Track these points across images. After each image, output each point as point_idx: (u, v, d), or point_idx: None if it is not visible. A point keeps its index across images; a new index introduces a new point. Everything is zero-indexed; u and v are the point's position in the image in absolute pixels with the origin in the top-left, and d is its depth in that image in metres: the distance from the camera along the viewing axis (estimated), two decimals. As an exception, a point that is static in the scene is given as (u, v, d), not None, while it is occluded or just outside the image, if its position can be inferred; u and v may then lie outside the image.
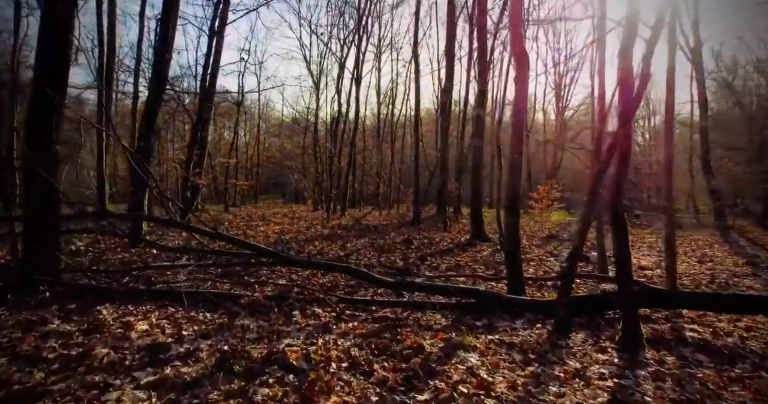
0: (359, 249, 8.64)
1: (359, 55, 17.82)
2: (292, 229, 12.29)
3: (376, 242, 9.53)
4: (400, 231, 11.85)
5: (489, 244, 8.64)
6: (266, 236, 10.47)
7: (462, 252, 7.72)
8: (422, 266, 6.52)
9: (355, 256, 7.63)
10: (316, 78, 27.66)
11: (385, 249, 8.35)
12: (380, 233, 11.33)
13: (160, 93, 8.12)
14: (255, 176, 35.34)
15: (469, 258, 7.14)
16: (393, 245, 8.93)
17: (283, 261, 4.58)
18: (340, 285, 5.02)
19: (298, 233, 11.37)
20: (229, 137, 27.23)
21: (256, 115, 36.22)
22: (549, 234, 9.91)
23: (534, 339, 3.20)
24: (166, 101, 24.79)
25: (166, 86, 8.11)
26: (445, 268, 6.28)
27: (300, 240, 10.00)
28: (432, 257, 7.20)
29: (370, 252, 7.98)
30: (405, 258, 7.30)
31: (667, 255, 4.35)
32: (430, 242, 9.27)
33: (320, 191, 24.53)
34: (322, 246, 8.85)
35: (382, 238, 10.23)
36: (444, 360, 2.83)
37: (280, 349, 2.90)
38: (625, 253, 2.91)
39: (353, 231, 11.76)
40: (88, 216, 4.66)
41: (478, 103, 8.71)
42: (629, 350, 2.82)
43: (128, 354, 2.88)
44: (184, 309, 3.97)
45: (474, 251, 7.87)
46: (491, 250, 7.94)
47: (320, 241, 9.71)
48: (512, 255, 4.38)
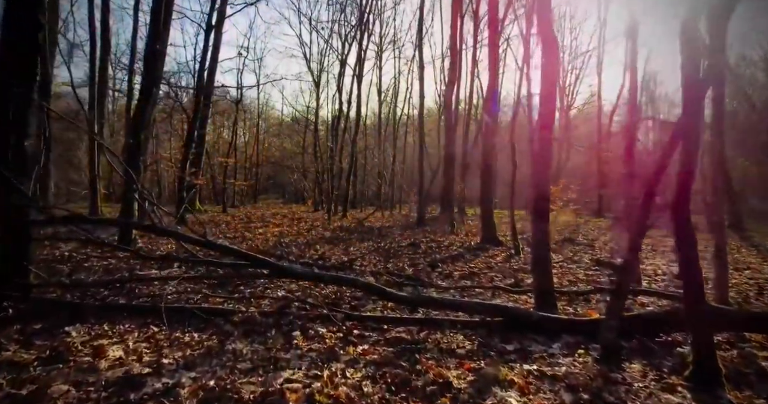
0: (363, 253, 8.13)
1: (361, 51, 17.32)
2: (291, 231, 11.78)
3: (380, 246, 9.02)
4: (405, 234, 11.35)
5: (501, 249, 8.12)
6: (265, 239, 9.97)
7: (474, 258, 7.21)
8: (433, 273, 6.00)
9: (359, 262, 7.11)
10: (317, 76, 27.21)
11: (392, 254, 7.84)
12: (384, 236, 10.82)
13: (151, 89, 7.61)
14: (254, 176, 34.84)
15: (483, 264, 6.62)
16: (399, 249, 8.42)
17: (282, 272, 4.05)
18: (346, 297, 4.51)
19: (298, 235, 10.86)
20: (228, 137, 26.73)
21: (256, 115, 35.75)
22: (564, 238, 9.38)
23: (579, 369, 2.69)
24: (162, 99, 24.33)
25: (158, 82, 7.60)
26: (458, 276, 5.76)
27: (300, 243, 9.49)
28: (443, 263, 6.68)
29: (375, 258, 7.47)
30: (413, 263, 6.78)
31: (717, 264, 3.84)
32: (438, 246, 8.76)
33: (320, 191, 24.04)
34: (324, 251, 8.34)
35: (386, 241, 9.72)
36: (477, 400, 2.32)
37: (278, 387, 2.39)
38: (695, 269, 2.40)
39: (356, 234, 11.25)
40: (58, 222, 4.12)
41: (488, 99, 8.20)
42: (705, 388, 2.31)
43: (92, 392, 2.37)
44: (167, 329, 3.46)
45: (486, 256, 7.36)
46: (505, 256, 7.42)
47: (322, 245, 9.20)
48: (541, 265, 3.87)
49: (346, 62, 19.32)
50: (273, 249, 8.39)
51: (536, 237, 3.93)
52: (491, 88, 8.35)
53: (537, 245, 3.92)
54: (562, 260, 6.94)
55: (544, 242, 3.88)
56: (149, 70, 7.53)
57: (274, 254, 7.75)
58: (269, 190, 48.65)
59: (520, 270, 5.99)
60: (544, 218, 3.90)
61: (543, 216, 3.90)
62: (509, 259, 6.99)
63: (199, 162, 20.51)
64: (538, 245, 3.90)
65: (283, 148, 36.33)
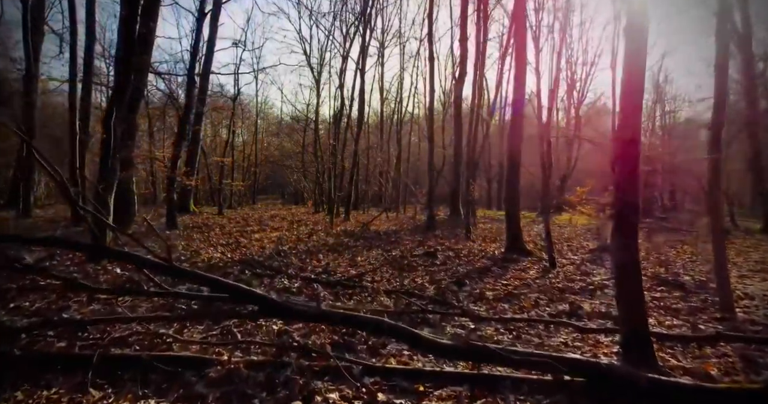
0: (373, 264, 7.11)
1: (364, 43, 16.31)
2: (291, 237, 10.76)
3: (391, 255, 8.00)
4: (416, 240, 10.32)
5: (531, 260, 7.09)
6: (261, 246, 8.95)
7: (504, 272, 6.18)
8: (460, 293, 4.99)
9: (369, 276, 6.09)
10: (317, 73, 26.22)
11: (405, 266, 6.82)
12: (393, 242, 9.80)
13: (128, 76, 6.59)
14: (253, 176, 33.82)
15: (518, 280, 5.60)
16: (413, 259, 7.40)
17: (276, 311, 3.00)
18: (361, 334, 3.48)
19: (299, 242, 9.84)
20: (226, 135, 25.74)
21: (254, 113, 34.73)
22: (601, 246, 8.29)
23: None
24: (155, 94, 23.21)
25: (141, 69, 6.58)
26: (492, 297, 4.74)
27: (301, 251, 8.48)
28: (469, 279, 5.65)
29: (387, 271, 6.45)
30: (434, 280, 5.76)
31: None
32: (456, 255, 7.74)
33: (321, 192, 23.01)
34: (328, 261, 7.32)
35: (397, 249, 8.70)
36: None
37: None
38: None
39: (361, 240, 10.23)
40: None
41: (517, 92, 7.20)
42: None
43: None
44: (113, 390, 2.45)
45: (517, 269, 6.33)
46: (539, 269, 6.39)
47: (325, 253, 8.18)
48: (630, 298, 2.86)
49: (348, 56, 18.31)
50: (269, 259, 7.37)
51: (621, 261, 2.91)
52: (519, 81, 7.35)
53: (622, 271, 2.90)
54: (610, 278, 5.84)
55: (631, 267, 2.86)
56: (127, 53, 6.51)
57: (271, 266, 6.74)
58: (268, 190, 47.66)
59: (566, 290, 4.97)
60: (630, 235, 2.88)
61: (629, 232, 2.88)
62: (546, 274, 5.96)
63: (194, 161, 19.52)
64: (625, 271, 2.88)
65: (283, 147, 35.30)
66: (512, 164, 7.37)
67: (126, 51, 6.52)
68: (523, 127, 7.60)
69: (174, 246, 8.57)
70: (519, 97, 7.30)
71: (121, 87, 6.48)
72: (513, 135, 7.34)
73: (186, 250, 8.17)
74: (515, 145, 7.29)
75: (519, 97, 7.30)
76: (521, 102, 7.47)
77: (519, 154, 7.34)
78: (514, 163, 7.33)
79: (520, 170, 7.47)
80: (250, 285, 5.49)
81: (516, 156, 7.33)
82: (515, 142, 7.31)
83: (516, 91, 7.23)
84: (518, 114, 7.31)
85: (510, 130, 7.50)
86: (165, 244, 3.57)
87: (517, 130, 7.36)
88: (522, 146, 7.41)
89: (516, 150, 7.31)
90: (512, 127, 7.41)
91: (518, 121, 7.31)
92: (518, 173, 7.40)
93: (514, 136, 7.32)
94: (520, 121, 7.33)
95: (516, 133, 7.31)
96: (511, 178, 7.41)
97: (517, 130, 7.34)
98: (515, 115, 7.30)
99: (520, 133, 7.35)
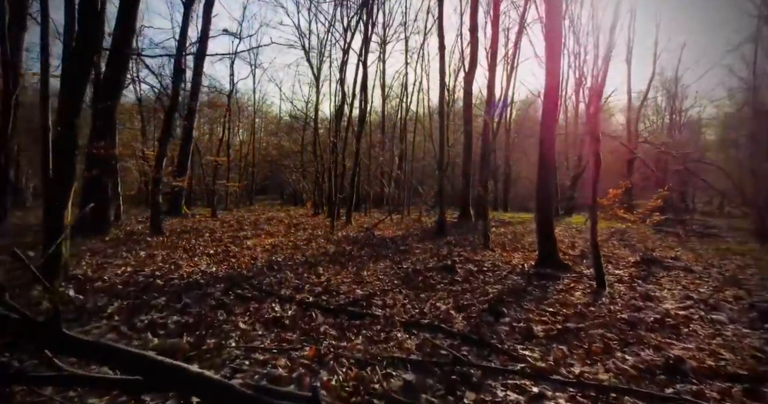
0: (382, 280, 6.02)
1: (367, 33, 15.19)
2: (287, 244, 9.66)
3: (402, 268, 6.90)
4: (427, 248, 9.23)
5: (571, 276, 5.97)
6: (253, 257, 7.85)
7: (542, 293, 5.08)
8: (499, 326, 3.89)
9: (379, 299, 5.00)
10: (316, 69, 25.17)
11: (421, 285, 5.72)
12: (402, 251, 8.70)
13: (89, 54, 5.46)
14: (250, 176, 32.73)
15: (565, 306, 4.49)
16: (429, 275, 6.30)
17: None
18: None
19: (296, 250, 8.74)
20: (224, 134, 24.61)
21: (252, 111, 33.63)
22: (645, 257, 7.08)
23: None
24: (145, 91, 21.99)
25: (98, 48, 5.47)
26: (543, 334, 3.64)
27: (298, 262, 7.39)
28: (505, 305, 4.55)
29: (401, 291, 5.36)
30: (460, 304, 4.66)
31: None
32: (478, 269, 6.64)
33: (321, 193, 21.92)
34: (329, 276, 6.23)
35: (407, 260, 7.61)
36: None
37: None
38: None
39: (366, 248, 9.13)
40: None
41: (550, 76, 6.09)
42: None
43: None
44: None
45: (559, 290, 5.23)
46: (585, 289, 5.26)
47: (325, 265, 7.09)
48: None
49: (350, 47, 17.20)
50: (260, 275, 6.27)
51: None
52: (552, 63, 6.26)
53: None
54: (688, 303, 4.65)
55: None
56: (85, 26, 5.37)
57: (261, 284, 5.64)
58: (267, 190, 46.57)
59: (636, 323, 3.84)
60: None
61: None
62: (597, 297, 4.83)
63: (186, 160, 18.41)
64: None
65: (281, 146, 34.19)
66: (545, 162, 6.27)
67: (84, 22, 5.37)
68: (557, 118, 6.51)
69: (153, 257, 7.48)
70: (552, 83, 6.20)
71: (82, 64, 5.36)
72: (546, 126, 6.24)
73: (165, 263, 7.07)
74: (549, 140, 6.20)
75: (552, 83, 6.20)
76: (555, 89, 6.37)
77: (553, 151, 6.27)
78: (548, 161, 6.24)
79: (555, 169, 6.38)
80: (231, 312, 4.42)
81: (549, 152, 6.24)
82: (549, 136, 6.20)
83: (549, 73, 6.12)
84: (552, 103, 6.22)
85: (543, 120, 6.41)
86: (56, 296, 2.40)
87: (550, 120, 6.26)
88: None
89: (549, 145, 6.22)
90: (545, 118, 6.32)
91: (552, 111, 6.23)
92: (552, 172, 6.32)
93: (547, 129, 6.22)
94: (554, 112, 6.25)
95: (549, 123, 6.20)
96: (544, 178, 6.30)
97: (550, 121, 6.25)
98: (549, 104, 6.21)
99: (554, 126, 6.26)
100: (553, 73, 6.15)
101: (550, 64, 6.21)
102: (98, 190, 9.66)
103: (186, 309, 4.47)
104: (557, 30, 6.30)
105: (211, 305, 4.66)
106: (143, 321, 3.98)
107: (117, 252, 7.97)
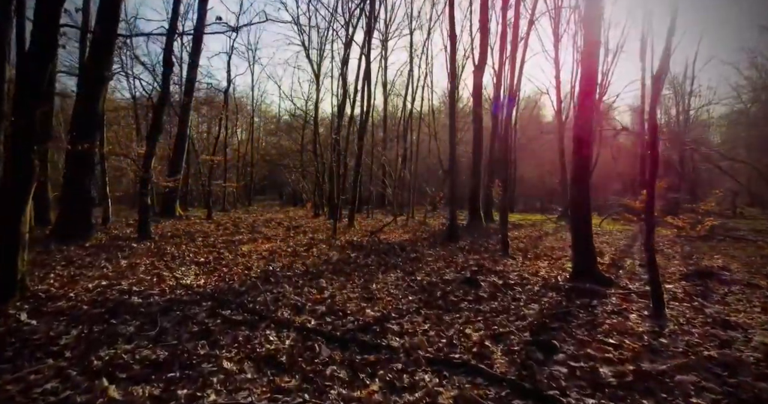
0: (393, 295, 5.20)
1: (371, 24, 14.34)
2: (286, 250, 8.83)
3: (416, 280, 6.07)
4: (440, 255, 8.40)
5: (616, 292, 5.10)
6: (247, 266, 7.01)
7: (591, 316, 4.24)
8: (555, 370, 3.05)
9: (396, 322, 4.17)
10: (317, 65, 24.39)
11: (441, 302, 4.89)
12: (414, 260, 7.87)
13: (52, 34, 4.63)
14: (249, 176, 31.87)
15: (630, 337, 3.63)
16: (448, 290, 5.47)
17: None
18: None
19: (295, 258, 7.91)
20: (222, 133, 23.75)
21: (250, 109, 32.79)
22: (699, 269, 6.13)
23: None
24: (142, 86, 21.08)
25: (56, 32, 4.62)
26: (615, 382, 2.81)
27: (298, 273, 6.56)
28: (552, 333, 3.72)
29: (419, 310, 4.53)
30: (495, 331, 3.83)
31: None
32: (504, 282, 5.80)
33: (321, 194, 21.09)
34: (333, 291, 5.41)
35: (421, 270, 6.78)
36: None
37: None
38: None
39: (372, 255, 8.30)
40: None
41: (586, 77, 5.23)
42: None
43: None
44: None
45: (609, 312, 4.37)
46: (639, 310, 4.42)
47: (328, 277, 6.26)
48: None
49: (352, 40, 16.37)
50: (253, 289, 5.43)
51: None
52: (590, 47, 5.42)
53: None
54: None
55: None
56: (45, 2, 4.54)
57: (254, 303, 4.81)
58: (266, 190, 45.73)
59: (736, 365, 2.98)
60: None
61: None
62: (660, 323, 3.96)
63: (180, 159, 17.58)
64: None
65: (280, 145, 33.36)
66: (581, 159, 5.43)
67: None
68: (594, 110, 5.67)
69: (134, 267, 6.64)
70: (589, 72, 5.35)
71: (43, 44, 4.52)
72: (581, 121, 5.39)
73: (147, 273, 6.24)
74: (585, 135, 5.35)
75: (589, 72, 5.35)
76: (593, 79, 5.52)
77: (590, 149, 5.44)
78: (584, 160, 5.40)
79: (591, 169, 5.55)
80: (215, 344, 3.58)
81: (585, 149, 5.40)
82: (585, 126, 5.34)
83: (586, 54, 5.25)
84: (589, 93, 5.38)
85: (578, 116, 5.57)
86: None
87: (586, 112, 5.41)
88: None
89: (585, 142, 5.38)
90: (581, 113, 5.48)
91: (588, 105, 5.38)
92: (589, 173, 5.48)
93: (583, 123, 5.37)
94: (591, 106, 5.40)
95: (585, 114, 5.34)
96: (579, 179, 5.45)
97: (585, 112, 5.40)
98: (586, 94, 5.37)
99: (590, 121, 5.42)
100: (590, 54, 5.30)
101: (588, 48, 5.37)
102: (80, 190, 8.83)
103: (161, 339, 3.64)
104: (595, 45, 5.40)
105: (193, 332, 3.83)
106: (102, 359, 3.15)
107: (96, 260, 7.13)
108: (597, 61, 5.63)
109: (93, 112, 8.90)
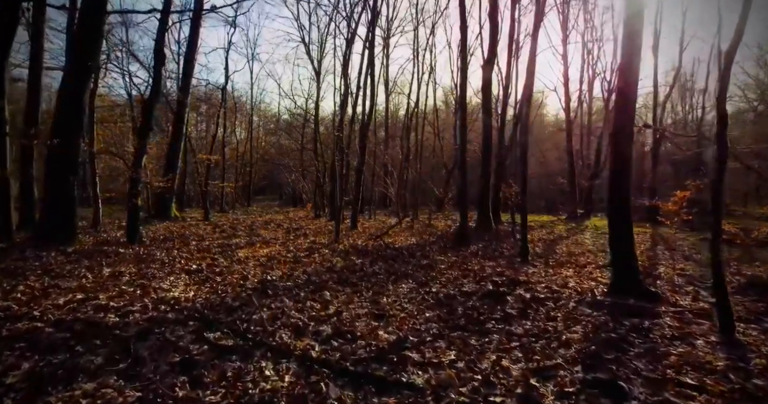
0: (408, 311, 4.54)
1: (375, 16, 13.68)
2: (286, 256, 8.17)
3: (431, 292, 5.41)
4: (452, 261, 7.74)
5: (669, 310, 4.40)
6: (242, 275, 6.34)
7: (649, 343, 3.57)
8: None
9: (415, 349, 3.51)
10: (317, 62, 23.73)
11: (464, 322, 4.23)
12: (425, 266, 7.21)
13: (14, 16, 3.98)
14: (248, 175, 31.22)
15: (710, 375, 2.94)
16: (470, 305, 4.81)
17: None
18: None
19: (296, 265, 7.25)
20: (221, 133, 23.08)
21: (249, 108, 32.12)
22: (754, 280, 5.33)
23: None
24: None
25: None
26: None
27: (299, 283, 5.89)
28: (611, 367, 3.06)
29: (441, 332, 3.86)
30: (537, 364, 3.17)
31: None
32: (533, 296, 5.13)
33: (322, 194, 20.44)
34: (339, 305, 4.75)
35: (436, 280, 6.12)
36: None
37: None
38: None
39: (380, 262, 7.64)
40: None
41: (625, 68, 4.57)
42: None
43: None
44: None
45: (668, 337, 3.69)
46: (706, 336, 3.72)
47: (333, 288, 5.60)
48: None
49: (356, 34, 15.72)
50: (248, 305, 4.77)
51: None
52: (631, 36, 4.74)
53: None
54: None
55: None
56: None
57: (248, 322, 4.15)
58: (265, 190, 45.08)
59: None
60: None
61: None
62: (738, 352, 3.28)
63: (176, 159, 16.90)
64: None
65: (280, 144, 32.69)
66: (621, 158, 4.77)
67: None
68: (635, 104, 4.98)
69: (118, 276, 5.98)
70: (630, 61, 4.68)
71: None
72: (621, 115, 4.73)
73: (130, 284, 5.57)
74: (625, 133, 4.69)
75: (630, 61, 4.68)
76: (636, 71, 4.84)
77: (630, 146, 4.77)
78: (624, 158, 4.74)
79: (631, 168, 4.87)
80: (198, 381, 2.91)
81: (626, 147, 4.75)
82: (626, 119, 4.68)
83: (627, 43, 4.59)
84: (629, 87, 4.71)
85: (618, 109, 4.91)
86: None
87: (625, 105, 4.76)
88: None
89: (626, 140, 4.72)
90: (620, 105, 4.82)
91: (629, 98, 4.70)
92: (629, 172, 4.82)
93: (622, 111, 4.71)
94: (633, 98, 4.74)
95: (627, 112, 4.68)
96: (618, 179, 4.77)
97: (624, 105, 4.74)
98: (626, 89, 4.71)
99: (632, 115, 4.76)
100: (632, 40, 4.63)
101: (628, 42, 4.70)
102: (62, 189, 8.16)
103: (131, 374, 2.98)
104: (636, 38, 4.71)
105: (172, 363, 3.17)
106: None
107: (76, 268, 6.46)
108: (640, 49, 4.94)
109: (77, 105, 8.22)
